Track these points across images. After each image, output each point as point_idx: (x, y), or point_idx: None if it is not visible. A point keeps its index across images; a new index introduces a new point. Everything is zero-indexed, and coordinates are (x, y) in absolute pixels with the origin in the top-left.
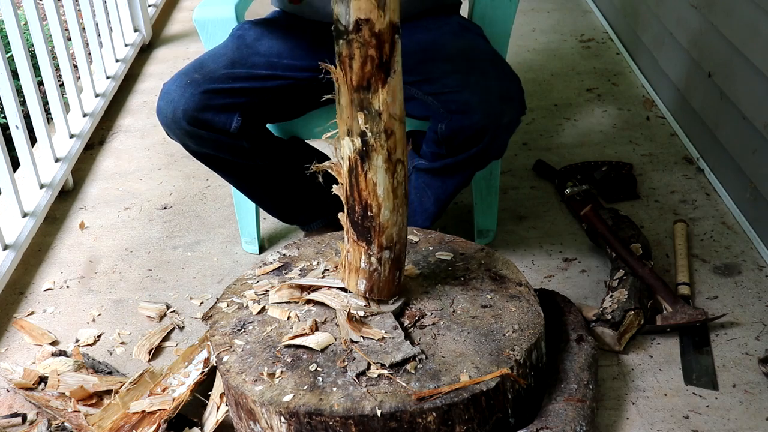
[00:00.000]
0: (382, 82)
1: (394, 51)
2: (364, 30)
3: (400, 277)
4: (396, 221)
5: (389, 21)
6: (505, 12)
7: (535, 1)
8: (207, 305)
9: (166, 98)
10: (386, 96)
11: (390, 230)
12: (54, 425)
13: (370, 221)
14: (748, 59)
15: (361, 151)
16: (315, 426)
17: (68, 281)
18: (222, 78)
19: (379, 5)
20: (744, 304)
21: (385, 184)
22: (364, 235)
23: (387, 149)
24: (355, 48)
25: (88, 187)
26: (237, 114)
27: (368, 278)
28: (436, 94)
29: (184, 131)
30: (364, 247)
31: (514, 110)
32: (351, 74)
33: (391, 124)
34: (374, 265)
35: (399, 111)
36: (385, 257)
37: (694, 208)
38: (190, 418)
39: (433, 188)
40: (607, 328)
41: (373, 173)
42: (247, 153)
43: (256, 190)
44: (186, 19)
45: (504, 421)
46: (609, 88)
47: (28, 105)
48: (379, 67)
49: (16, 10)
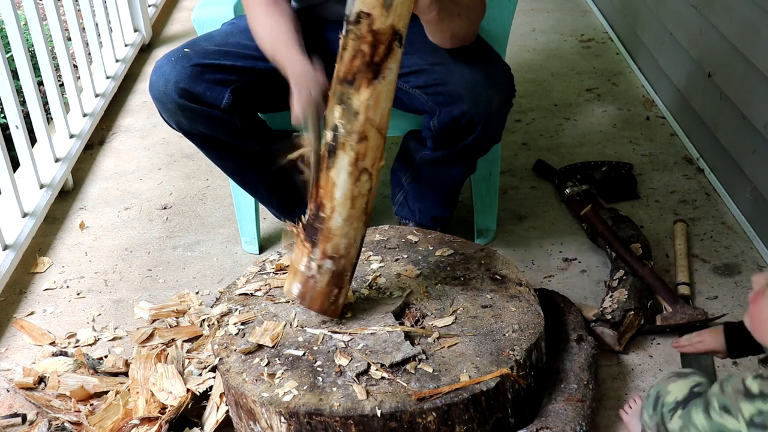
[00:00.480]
0: (368, 81)
1: (390, 57)
2: (363, 23)
3: (338, 296)
4: (347, 233)
5: (391, 24)
6: (503, 11)
7: (535, 1)
8: (207, 305)
9: (158, 72)
10: (368, 97)
11: (338, 240)
12: (54, 425)
13: (320, 222)
14: (748, 59)
15: (330, 146)
16: (315, 426)
17: (68, 281)
18: (214, 54)
19: (384, 4)
20: (744, 304)
21: (345, 188)
22: (310, 236)
23: (356, 152)
24: (349, 39)
25: (88, 187)
26: (228, 90)
27: (303, 283)
28: (423, 87)
29: (176, 105)
30: (307, 249)
31: (502, 94)
32: (341, 65)
33: (367, 129)
34: (312, 272)
35: (379, 119)
36: (326, 267)
37: (694, 208)
38: (190, 418)
39: (442, 178)
40: (607, 328)
41: (336, 173)
42: (239, 132)
43: (251, 178)
44: (186, 19)
45: (504, 421)
46: (609, 88)
47: (28, 105)
48: (368, 66)
49: (16, 10)
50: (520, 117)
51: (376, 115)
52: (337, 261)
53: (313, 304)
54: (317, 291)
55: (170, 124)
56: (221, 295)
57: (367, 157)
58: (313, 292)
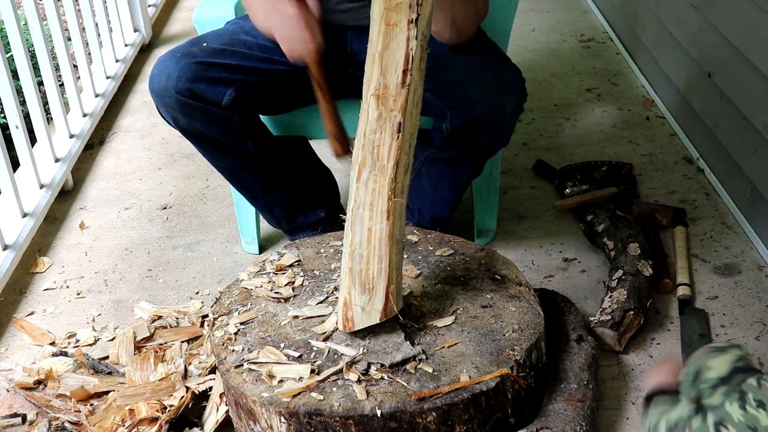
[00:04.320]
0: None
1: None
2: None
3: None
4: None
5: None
6: (504, 11)
7: (535, 1)
8: (207, 305)
9: (160, 66)
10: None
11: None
12: (54, 425)
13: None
14: (748, 59)
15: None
16: (315, 426)
17: (68, 281)
18: (219, 52)
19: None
20: (744, 304)
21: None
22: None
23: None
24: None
25: (88, 187)
26: (231, 89)
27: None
28: (433, 90)
29: (175, 100)
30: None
31: (515, 100)
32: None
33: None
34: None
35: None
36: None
37: (694, 208)
38: (190, 418)
39: (448, 177)
40: (607, 328)
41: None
42: (237, 132)
43: (246, 180)
44: (186, 19)
45: (504, 421)
46: (609, 88)
47: (28, 105)
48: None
49: (16, 10)
50: (520, 117)
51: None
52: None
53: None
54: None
55: (167, 120)
56: (221, 295)
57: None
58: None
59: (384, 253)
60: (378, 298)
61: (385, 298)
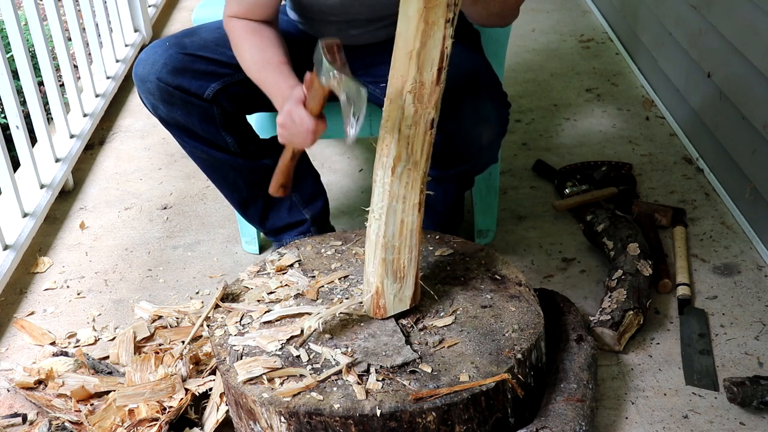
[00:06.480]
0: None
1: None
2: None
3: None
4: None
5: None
6: None
7: (535, 1)
8: (207, 305)
9: (149, 51)
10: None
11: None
12: (54, 425)
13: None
14: (748, 59)
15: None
16: (315, 426)
17: (68, 281)
18: (211, 45)
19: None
20: (743, 304)
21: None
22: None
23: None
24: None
25: (88, 187)
26: (216, 82)
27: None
28: None
29: (156, 86)
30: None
31: (492, 129)
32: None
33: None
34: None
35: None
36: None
37: (694, 208)
38: (191, 418)
39: (438, 192)
40: (607, 328)
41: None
42: (217, 127)
43: (227, 174)
44: (186, 19)
45: (504, 421)
46: (608, 88)
47: (29, 105)
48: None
49: (16, 10)
50: (520, 117)
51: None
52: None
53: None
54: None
55: (147, 106)
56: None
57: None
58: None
59: (414, 243)
60: (408, 285)
61: (414, 285)
